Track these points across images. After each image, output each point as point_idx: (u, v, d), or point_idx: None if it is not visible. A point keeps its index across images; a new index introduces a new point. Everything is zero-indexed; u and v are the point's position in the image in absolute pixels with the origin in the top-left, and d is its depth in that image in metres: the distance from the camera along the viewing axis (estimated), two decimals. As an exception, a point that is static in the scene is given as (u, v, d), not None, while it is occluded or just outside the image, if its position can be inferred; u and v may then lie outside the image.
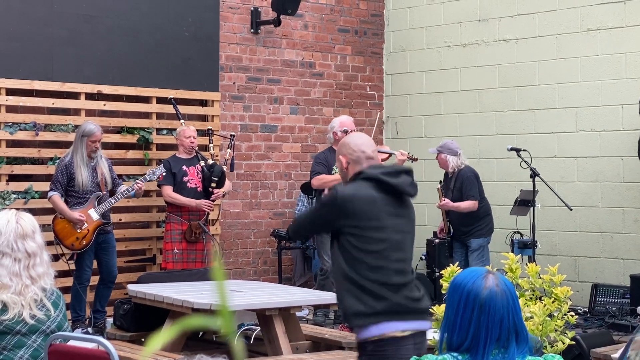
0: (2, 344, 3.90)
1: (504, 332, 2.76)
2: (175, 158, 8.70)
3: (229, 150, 9.16)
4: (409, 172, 4.39)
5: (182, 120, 8.92)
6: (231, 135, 9.35)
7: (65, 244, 8.01)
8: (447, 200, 8.83)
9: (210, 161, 8.79)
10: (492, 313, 2.75)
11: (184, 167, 8.65)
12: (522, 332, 2.80)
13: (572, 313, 5.85)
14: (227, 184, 8.95)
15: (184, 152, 8.72)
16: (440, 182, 9.14)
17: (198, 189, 8.68)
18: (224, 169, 8.89)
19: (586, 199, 9.60)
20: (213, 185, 8.68)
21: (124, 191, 8.16)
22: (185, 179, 8.63)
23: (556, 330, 5.68)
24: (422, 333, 4.26)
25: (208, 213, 8.72)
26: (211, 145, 9.05)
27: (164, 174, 8.43)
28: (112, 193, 8.24)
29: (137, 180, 8.33)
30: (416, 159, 8.90)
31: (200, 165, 8.72)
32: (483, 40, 10.40)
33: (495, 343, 2.76)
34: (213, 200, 8.72)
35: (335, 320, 8.66)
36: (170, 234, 8.60)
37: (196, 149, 8.76)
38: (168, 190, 8.56)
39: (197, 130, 8.99)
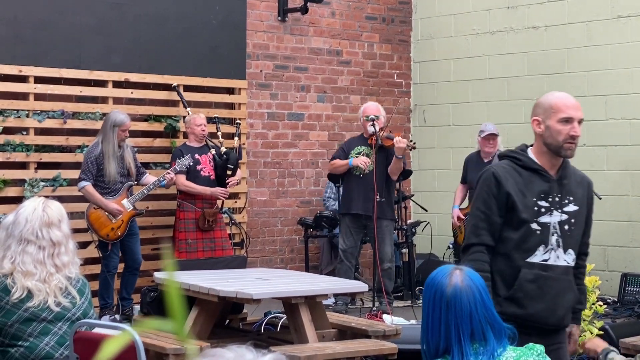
0: (28, 331, 3.92)
1: (477, 326, 2.74)
2: (187, 147, 8.67)
3: (236, 138, 9.12)
4: None
5: (188, 109, 8.92)
6: (237, 123, 9.30)
7: (101, 235, 8.04)
8: None
9: (223, 149, 8.76)
10: (459, 309, 2.74)
11: (197, 156, 8.61)
12: (496, 323, 2.78)
13: (601, 303, 5.80)
14: (238, 172, 8.93)
15: (194, 140, 8.67)
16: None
17: (211, 177, 8.66)
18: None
19: (616, 188, 9.50)
20: (229, 173, 8.65)
21: (155, 181, 8.22)
22: (198, 167, 8.60)
23: (584, 320, 5.63)
24: None
25: (223, 201, 8.72)
26: (219, 132, 8.99)
27: (192, 163, 8.44)
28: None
29: (168, 171, 8.36)
30: (415, 147, 8.80)
31: (211, 153, 8.68)
32: (512, 27, 10.30)
33: (469, 338, 2.73)
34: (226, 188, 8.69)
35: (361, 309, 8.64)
36: (184, 223, 8.58)
37: (207, 136, 8.74)
38: (182, 178, 8.52)
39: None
